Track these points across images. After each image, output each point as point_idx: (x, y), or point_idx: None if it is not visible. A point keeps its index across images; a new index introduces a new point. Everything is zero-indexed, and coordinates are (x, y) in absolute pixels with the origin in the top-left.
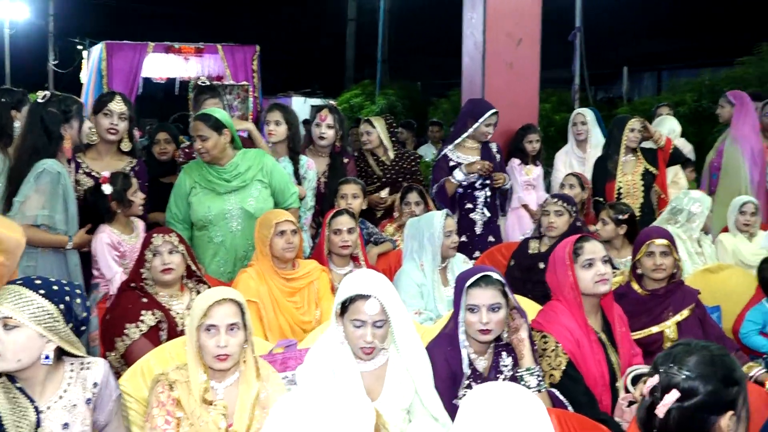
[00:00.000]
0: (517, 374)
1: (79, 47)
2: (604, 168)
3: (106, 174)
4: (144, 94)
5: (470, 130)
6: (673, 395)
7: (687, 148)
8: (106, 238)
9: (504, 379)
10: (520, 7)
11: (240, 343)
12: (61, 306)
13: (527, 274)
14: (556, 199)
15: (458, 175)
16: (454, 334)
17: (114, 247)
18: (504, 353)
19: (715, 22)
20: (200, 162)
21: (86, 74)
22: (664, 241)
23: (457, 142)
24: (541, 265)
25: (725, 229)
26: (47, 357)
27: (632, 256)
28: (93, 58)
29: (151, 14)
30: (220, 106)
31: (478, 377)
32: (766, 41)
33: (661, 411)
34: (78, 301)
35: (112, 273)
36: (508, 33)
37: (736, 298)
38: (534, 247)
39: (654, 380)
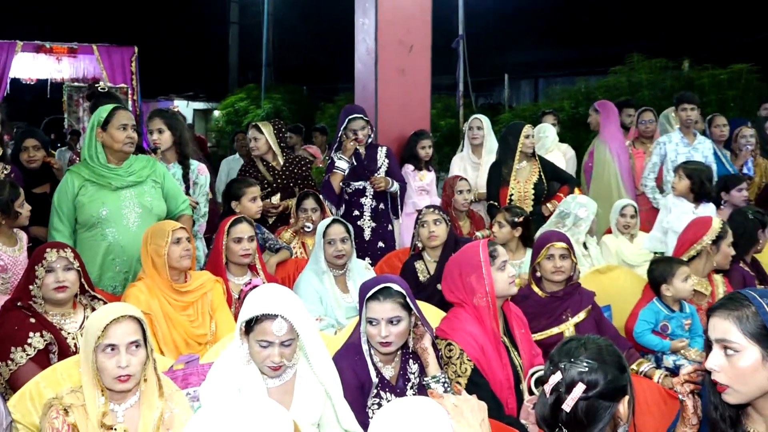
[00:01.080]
0: (424, 382)
1: None
2: (499, 173)
3: None
4: (12, 96)
5: (340, 136)
6: (580, 388)
7: (570, 154)
8: None
9: (412, 386)
10: (411, 15)
11: (142, 362)
12: None
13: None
14: (432, 209)
15: (341, 163)
16: (359, 343)
17: None
18: (411, 360)
19: (589, 34)
20: (87, 163)
21: None
22: (563, 245)
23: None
24: (439, 287)
25: (608, 231)
26: None
27: (532, 259)
28: None
29: (19, 11)
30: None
31: (386, 386)
32: (637, 52)
33: (568, 405)
34: None
35: None
36: (400, 40)
37: (625, 296)
38: (421, 269)
39: (556, 377)
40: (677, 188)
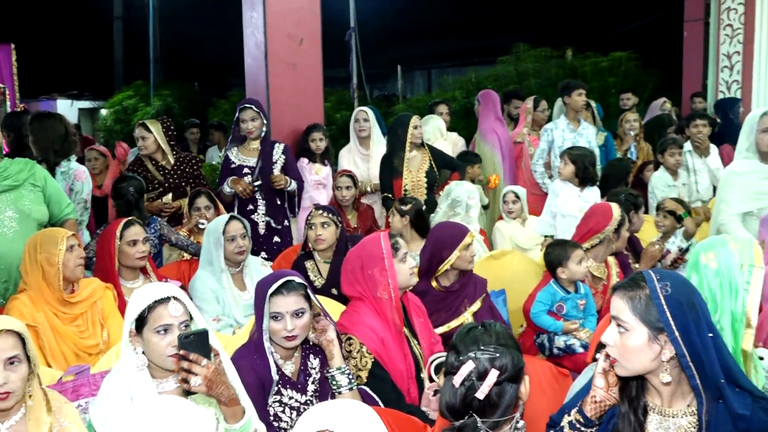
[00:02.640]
0: (328, 374)
1: None
2: (390, 165)
3: None
4: None
5: (234, 129)
6: (494, 374)
7: (460, 143)
8: None
9: (313, 381)
10: (300, 7)
11: (23, 378)
12: None
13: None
14: (321, 211)
15: (225, 188)
16: (259, 342)
17: None
18: (311, 355)
19: (478, 25)
20: None
21: None
22: (472, 232)
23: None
24: (334, 291)
25: (501, 218)
26: None
27: (442, 254)
28: None
29: None
30: None
31: (287, 382)
32: (523, 42)
33: (483, 392)
34: None
35: None
36: (289, 33)
37: (519, 280)
38: (312, 268)
39: (468, 367)
40: (563, 173)
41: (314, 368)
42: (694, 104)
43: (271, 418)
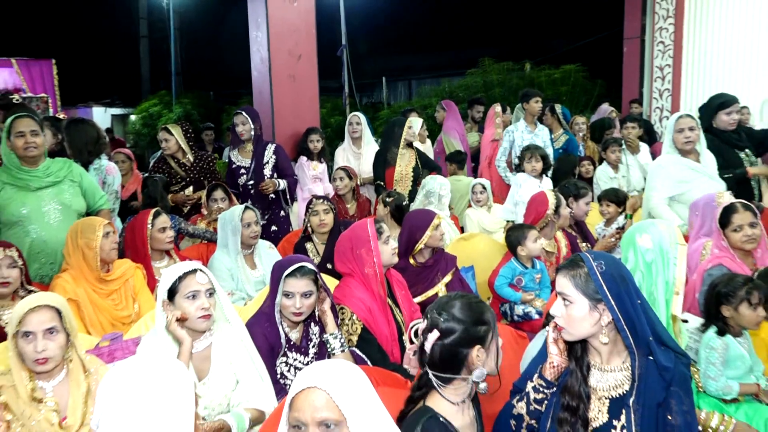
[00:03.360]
0: (324, 338)
1: None
2: (385, 158)
3: None
4: None
5: (232, 133)
6: (435, 334)
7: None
8: None
9: (314, 345)
10: (298, 28)
11: (60, 346)
12: None
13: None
14: (321, 200)
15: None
16: (270, 312)
17: None
18: (312, 324)
19: (450, 41)
20: (6, 167)
21: None
22: (440, 216)
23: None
24: (329, 266)
25: (470, 205)
26: None
27: (415, 236)
28: None
29: None
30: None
31: (292, 347)
32: (488, 57)
33: (427, 347)
34: None
35: None
36: (289, 50)
37: (485, 258)
38: (311, 249)
39: (422, 324)
40: (536, 167)
41: (315, 334)
42: (631, 109)
43: (278, 376)
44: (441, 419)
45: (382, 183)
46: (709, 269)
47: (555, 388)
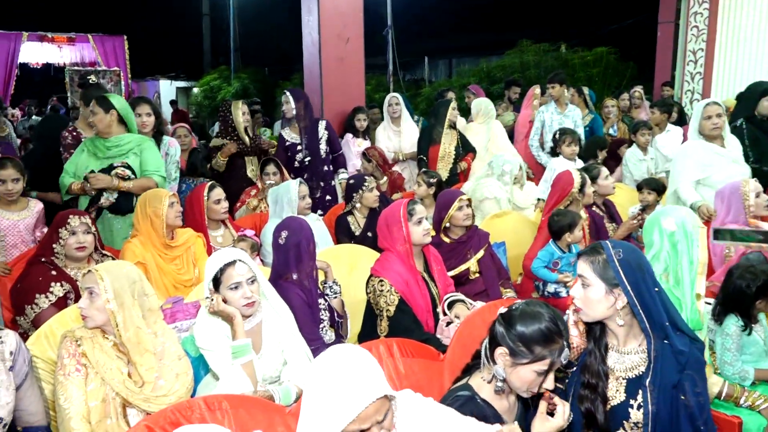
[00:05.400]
0: (327, 285)
1: None
2: (430, 135)
3: None
4: (23, 78)
5: (283, 113)
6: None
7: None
8: None
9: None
10: (347, 12)
11: (99, 308)
12: None
13: (361, 243)
14: (372, 179)
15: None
16: (302, 281)
17: None
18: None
19: (490, 22)
20: (96, 136)
21: None
22: (467, 196)
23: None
24: (369, 234)
25: None
26: None
27: (441, 214)
28: None
29: (24, 4)
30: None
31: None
32: (525, 38)
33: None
34: None
35: None
36: (338, 34)
37: (516, 234)
38: (353, 222)
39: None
40: (574, 150)
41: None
42: (663, 91)
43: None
44: (479, 400)
45: (425, 158)
46: (748, 254)
47: (575, 368)
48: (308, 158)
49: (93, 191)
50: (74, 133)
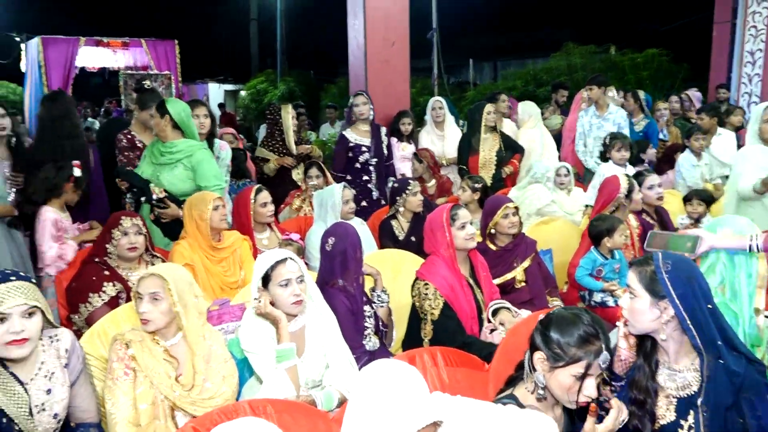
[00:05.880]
0: (376, 293)
1: (17, 39)
2: (468, 144)
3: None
4: (80, 82)
5: (349, 113)
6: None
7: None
8: (51, 215)
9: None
10: (392, 16)
11: (162, 311)
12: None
13: (405, 247)
14: (417, 183)
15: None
16: (350, 288)
17: (55, 225)
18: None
19: (535, 24)
20: (155, 140)
21: (25, 65)
22: (514, 204)
23: (350, 125)
24: (413, 239)
25: None
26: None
27: (487, 220)
28: (31, 51)
29: (79, 10)
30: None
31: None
32: (572, 40)
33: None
34: (33, 279)
35: (48, 248)
36: (383, 37)
37: (563, 240)
38: (397, 227)
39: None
40: (625, 155)
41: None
42: (718, 94)
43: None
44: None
45: (465, 167)
46: None
47: (623, 382)
48: (375, 159)
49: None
50: (128, 136)
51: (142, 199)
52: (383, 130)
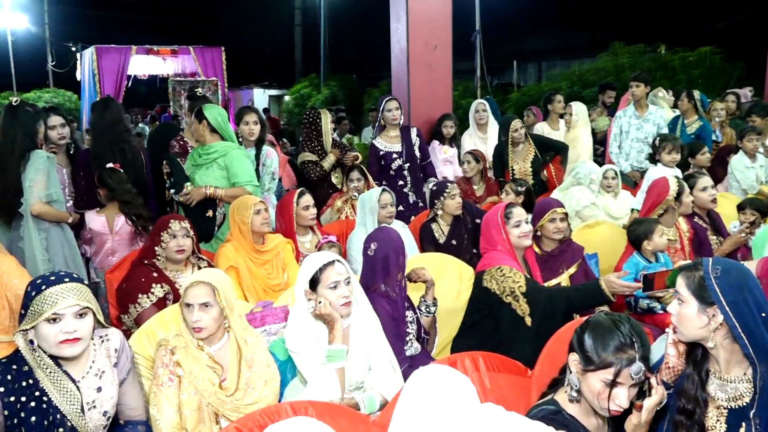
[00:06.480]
0: (425, 302)
1: (73, 49)
2: (500, 158)
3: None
4: (132, 89)
5: (379, 119)
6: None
7: None
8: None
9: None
10: (435, 19)
11: (213, 318)
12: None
13: (445, 251)
14: (456, 185)
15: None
16: (391, 293)
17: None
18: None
19: (581, 24)
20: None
21: (81, 73)
22: (563, 209)
23: (379, 132)
24: (454, 242)
25: None
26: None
27: (534, 222)
28: (85, 60)
29: (131, 20)
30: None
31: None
32: (618, 41)
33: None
34: (85, 281)
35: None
36: (426, 41)
37: (609, 245)
38: (437, 229)
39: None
40: (676, 158)
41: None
42: None
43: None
44: (566, 415)
45: (502, 179)
46: None
47: (671, 390)
48: (408, 163)
49: (192, 202)
50: (181, 142)
51: (172, 191)
52: (413, 131)
